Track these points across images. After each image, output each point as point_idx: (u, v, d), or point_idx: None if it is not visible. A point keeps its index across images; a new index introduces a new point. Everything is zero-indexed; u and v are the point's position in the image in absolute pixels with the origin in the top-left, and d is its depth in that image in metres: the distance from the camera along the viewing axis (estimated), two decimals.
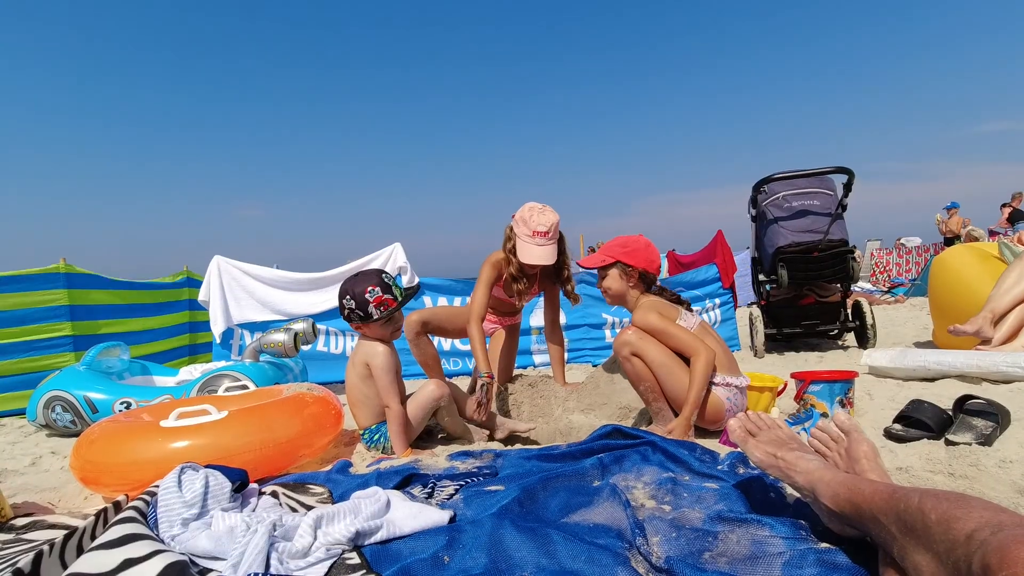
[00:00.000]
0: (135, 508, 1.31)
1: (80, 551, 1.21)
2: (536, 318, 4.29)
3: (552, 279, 2.51)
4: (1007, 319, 2.76)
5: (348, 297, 1.98)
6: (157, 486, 1.41)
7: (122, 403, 2.65)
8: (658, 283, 2.21)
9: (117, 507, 1.43)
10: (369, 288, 1.97)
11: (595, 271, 2.21)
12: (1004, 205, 10.10)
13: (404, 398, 2.09)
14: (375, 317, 1.97)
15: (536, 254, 2.26)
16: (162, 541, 1.23)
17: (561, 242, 2.38)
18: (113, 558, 1.09)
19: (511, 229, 2.33)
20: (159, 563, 1.07)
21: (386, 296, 1.98)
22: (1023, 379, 2.26)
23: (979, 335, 2.73)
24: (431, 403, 2.08)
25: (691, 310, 2.13)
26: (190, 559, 1.17)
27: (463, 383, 2.64)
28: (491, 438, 2.21)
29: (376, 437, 2.05)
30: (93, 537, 1.26)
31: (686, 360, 1.94)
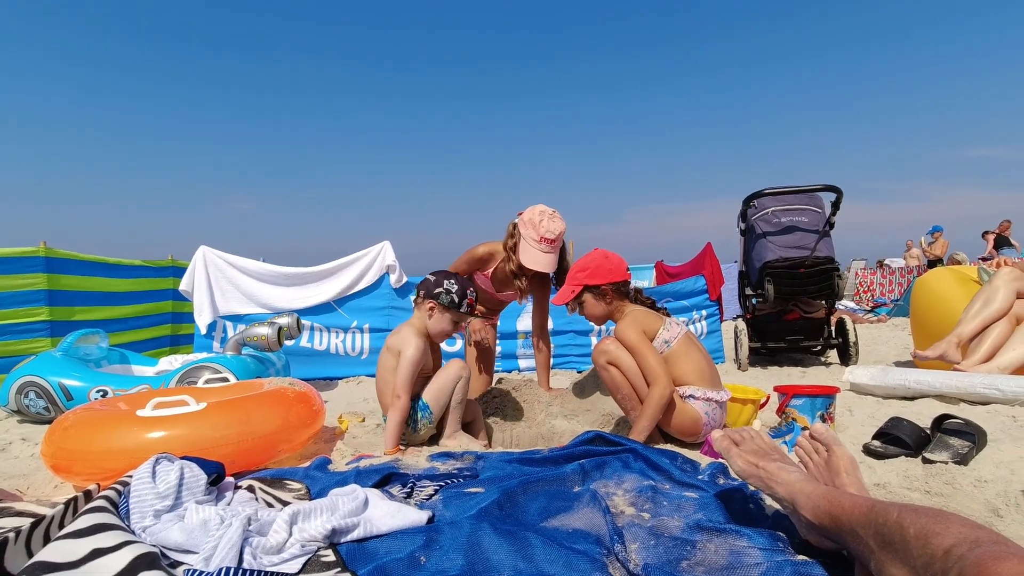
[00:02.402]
0: (106, 498, 1.28)
1: (47, 540, 1.18)
2: (523, 322, 4.29)
3: (543, 284, 2.51)
4: (984, 341, 2.80)
5: (452, 280, 2.10)
6: (130, 476, 1.38)
7: (98, 391, 2.60)
8: (633, 287, 2.19)
9: (88, 496, 1.40)
10: (470, 288, 2.13)
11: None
12: (986, 233, 10.34)
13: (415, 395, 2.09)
14: (462, 310, 2.10)
15: (540, 261, 2.27)
16: (133, 532, 1.20)
17: (562, 250, 2.39)
18: (81, 547, 1.06)
19: (515, 227, 2.33)
20: (128, 554, 1.04)
21: (474, 302, 2.15)
22: (1000, 400, 2.29)
23: (944, 359, 2.77)
24: (453, 381, 2.07)
25: (669, 316, 2.11)
26: (161, 551, 1.15)
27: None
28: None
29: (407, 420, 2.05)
30: (62, 526, 1.23)
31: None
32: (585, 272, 2.10)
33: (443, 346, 2.66)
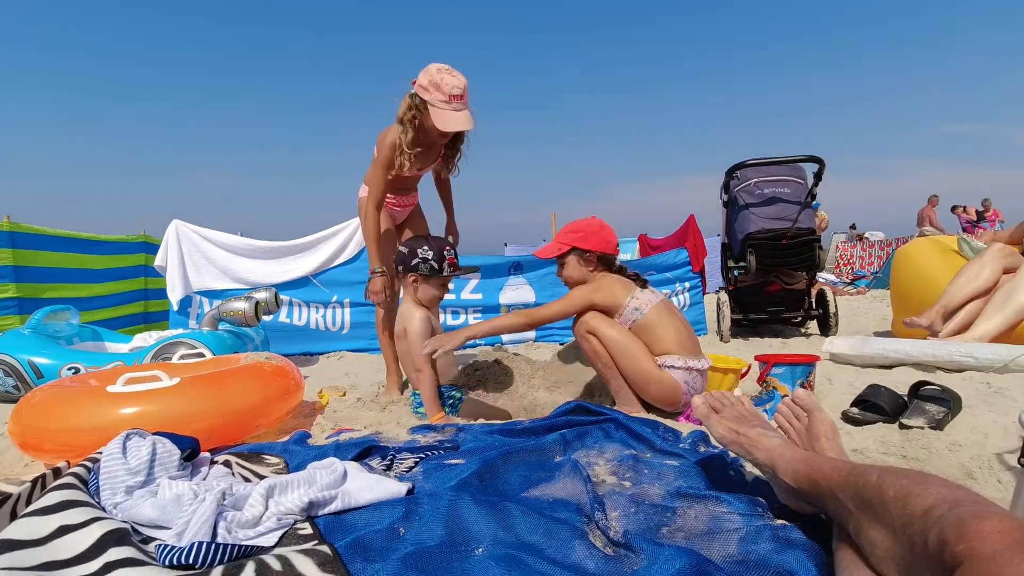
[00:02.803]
0: (75, 474, 1.25)
1: (14, 517, 1.15)
2: (505, 296, 4.26)
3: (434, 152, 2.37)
4: (960, 312, 2.85)
5: (426, 247, 2.07)
6: (100, 452, 1.34)
7: (69, 368, 2.54)
8: (619, 264, 2.19)
9: (56, 473, 1.37)
10: (447, 247, 2.11)
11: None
12: (955, 207, 10.62)
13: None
14: (444, 273, 2.09)
15: (457, 120, 2.10)
16: (103, 509, 1.17)
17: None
18: (48, 524, 1.03)
19: (413, 97, 2.14)
20: (97, 530, 1.01)
21: (455, 260, 2.13)
22: (974, 368, 2.33)
23: (931, 329, 2.83)
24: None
25: (647, 286, 2.08)
26: (132, 527, 1.12)
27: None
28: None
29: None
30: (29, 503, 1.19)
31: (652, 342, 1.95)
32: (578, 234, 2.10)
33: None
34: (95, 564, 0.94)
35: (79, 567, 0.94)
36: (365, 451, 1.54)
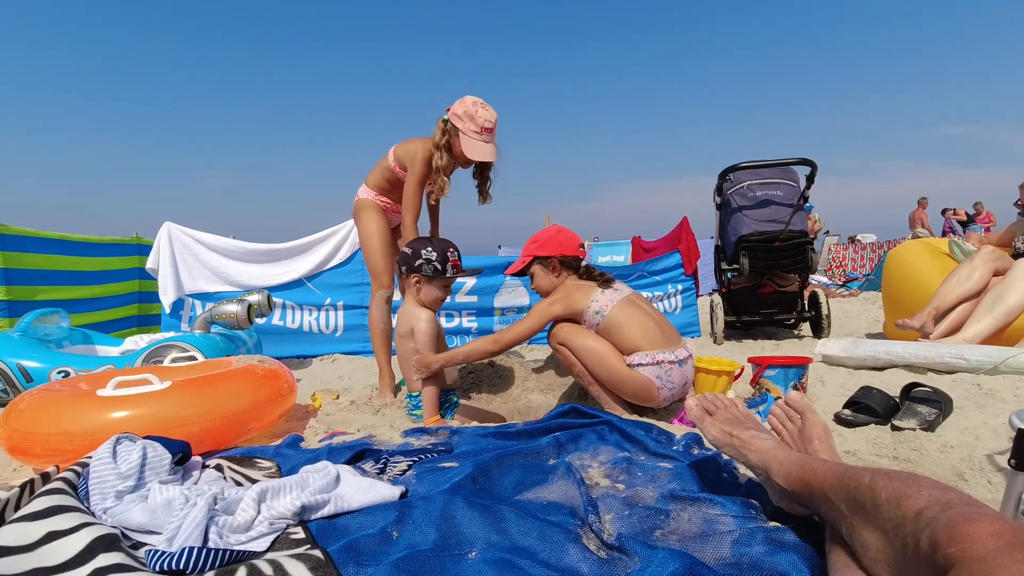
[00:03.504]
0: (64, 479, 1.23)
1: (1, 523, 1.13)
2: (500, 299, 4.26)
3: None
4: (951, 314, 2.87)
5: (429, 248, 2.09)
6: (90, 457, 1.33)
7: (59, 372, 2.52)
8: (585, 263, 2.19)
9: (45, 478, 1.35)
10: (450, 249, 2.12)
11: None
12: (945, 210, 10.74)
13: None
14: (448, 275, 2.10)
15: (485, 151, 2.26)
16: (92, 514, 1.16)
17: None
18: (36, 530, 1.02)
19: (447, 123, 2.27)
20: (86, 536, 1.00)
21: (458, 262, 2.15)
22: (965, 369, 2.34)
23: (922, 330, 2.84)
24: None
25: (609, 286, 2.04)
26: (122, 533, 1.11)
27: None
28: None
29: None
30: (17, 509, 1.18)
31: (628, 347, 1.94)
32: (536, 244, 2.12)
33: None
34: (84, 570, 0.93)
35: (68, 573, 0.93)
36: (358, 454, 1.53)
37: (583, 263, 2.17)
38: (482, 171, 2.43)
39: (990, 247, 3.01)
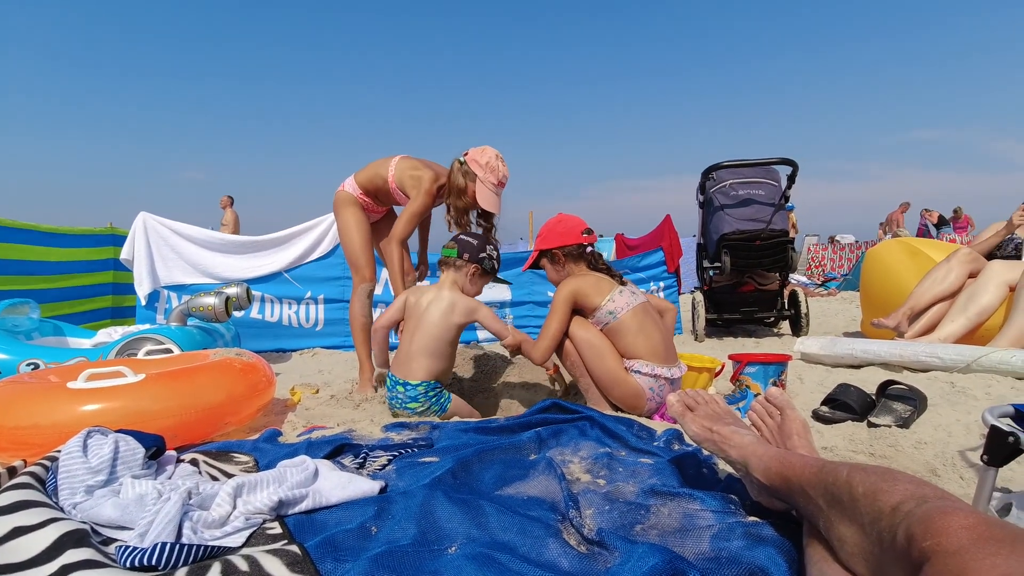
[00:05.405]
0: (31, 474, 1.20)
1: None
2: (487, 296, 4.25)
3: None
4: (926, 313, 2.93)
5: (491, 247, 2.16)
6: (59, 451, 1.30)
7: (29, 364, 2.45)
8: (592, 249, 2.13)
9: (12, 472, 1.31)
10: (498, 255, 2.21)
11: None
12: (925, 210, 10.96)
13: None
14: (494, 276, 2.21)
15: (496, 203, 2.35)
16: (61, 509, 1.13)
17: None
18: (2, 526, 0.99)
19: (463, 165, 2.33)
20: (54, 532, 0.97)
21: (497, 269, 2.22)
22: (939, 368, 2.39)
23: (897, 329, 2.90)
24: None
25: (625, 285, 2.02)
26: (92, 528, 1.08)
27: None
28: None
29: (430, 393, 1.98)
30: None
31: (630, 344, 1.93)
32: (539, 238, 2.13)
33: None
34: (52, 566, 0.91)
35: (35, 570, 0.90)
36: (337, 449, 1.51)
37: (589, 249, 2.11)
38: (487, 217, 2.47)
39: (966, 249, 3.07)
